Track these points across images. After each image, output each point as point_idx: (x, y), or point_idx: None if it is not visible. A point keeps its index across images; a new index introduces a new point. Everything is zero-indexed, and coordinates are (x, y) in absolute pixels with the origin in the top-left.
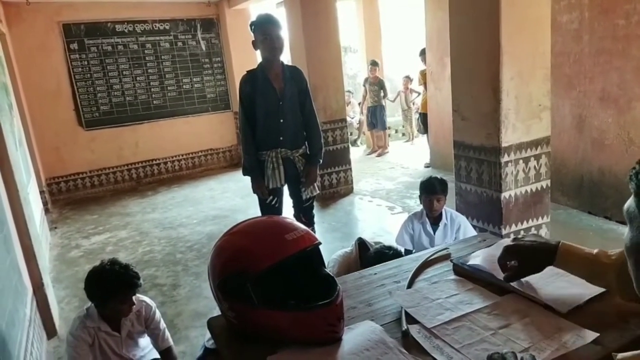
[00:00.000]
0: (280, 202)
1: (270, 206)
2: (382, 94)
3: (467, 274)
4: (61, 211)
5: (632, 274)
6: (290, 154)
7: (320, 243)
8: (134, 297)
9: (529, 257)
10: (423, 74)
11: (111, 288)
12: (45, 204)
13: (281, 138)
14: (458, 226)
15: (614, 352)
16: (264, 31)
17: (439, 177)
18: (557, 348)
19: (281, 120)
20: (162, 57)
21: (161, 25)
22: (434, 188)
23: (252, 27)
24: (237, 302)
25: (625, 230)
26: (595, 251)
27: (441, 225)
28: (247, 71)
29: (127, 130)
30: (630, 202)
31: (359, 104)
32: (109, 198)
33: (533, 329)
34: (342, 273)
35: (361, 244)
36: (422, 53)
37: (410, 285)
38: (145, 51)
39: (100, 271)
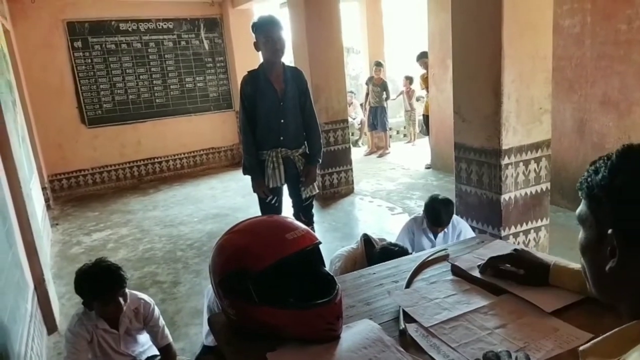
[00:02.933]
0: (280, 201)
1: (270, 205)
2: (384, 96)
3: (464, 275)
4: (63, 208)
5: (587, 272)
6: (291, 153)
7: (320, 242)
8: (130, 295)
9: (532, 269)
10: (424, 79)
11: (91, 290)
12: (47, 200)
13: (281, 138)
14: (459, 232)
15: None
16: (266, 33)
17: (445, 201)
18: (552, 348)
19: (282, 121)
20: (166, 56)
21: (165, 24)
22: (439, 220)
23: (254, 29)
24: (238, 299)
25: None
26: None
27: (441, 232)
28: (248, 72)
29: (130, 128)
30: (581, 207)
31: (361, 104)
32: (111, 195)
33: (528, 329)
34: (349, 267)
35: (366, 240)
36: (421, 57)
37: (408, 285)
38: (149, 50)
39: (84, 271)
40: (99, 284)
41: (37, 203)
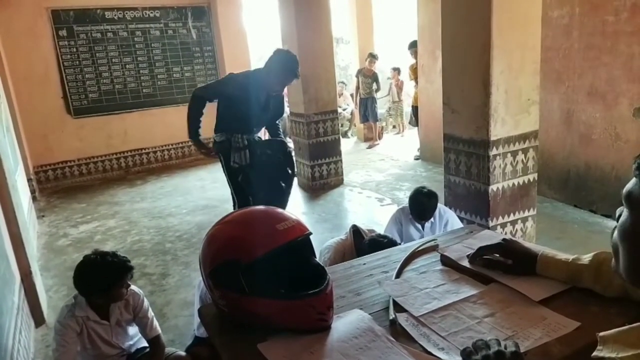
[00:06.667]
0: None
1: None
2: (374, 87)
3: (454, 265)
4: (49, 199)
5: (622, 257)
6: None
7: (311, 233)
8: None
9: (520, 259)
10: (413, 69)
11: (111, 278)
12: (32, 192)
13: (254, 129)
14: (446, 221)
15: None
16: (291, 79)
17: (429, 194)
18: (540, 336)
19: (257, 128)
20: (152, 45)
21: (151, 12)
22: (423, 214)
23: (291, 64)
24: (229, 290)
25: (613, 223)
26: (570, 258)
27: (428, 222)
28: (244, 74)
29: (116, 119)
30: (634, 187)
31: (351, 95)
32: (98, 187)
33: (517, 317)
34: (337, 259)
35: (355, 231)
36: (413, 46)
37: (398, 275)
38: (135, 39)
39: (93, 266)
40: (118, 270)
41: (22, 195)
